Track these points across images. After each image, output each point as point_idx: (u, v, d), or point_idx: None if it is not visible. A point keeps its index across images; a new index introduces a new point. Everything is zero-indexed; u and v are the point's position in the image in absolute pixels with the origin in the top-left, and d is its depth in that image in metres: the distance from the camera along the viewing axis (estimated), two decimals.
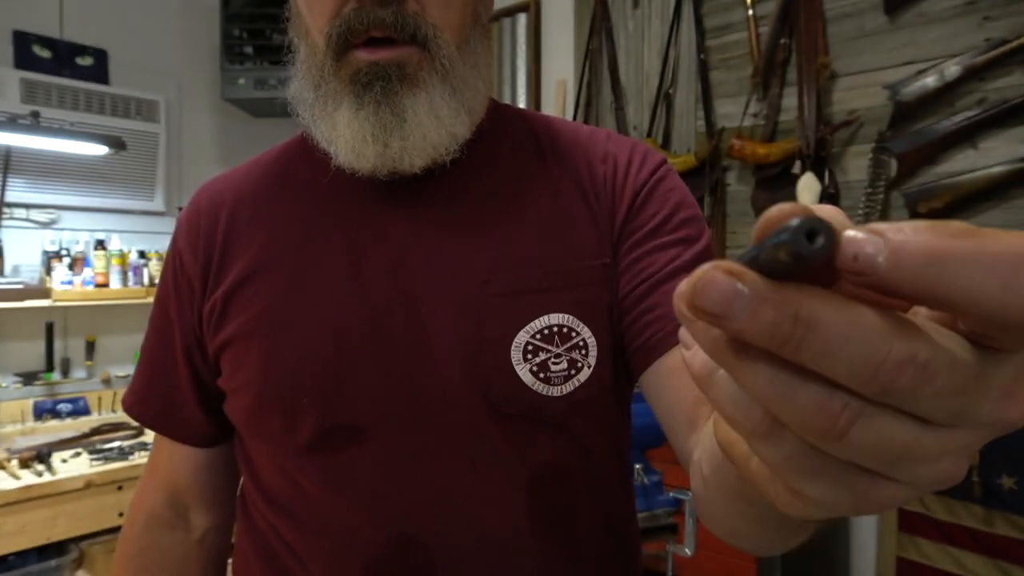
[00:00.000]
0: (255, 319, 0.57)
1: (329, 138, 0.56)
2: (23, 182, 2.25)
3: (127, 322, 2.48)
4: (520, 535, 0.55)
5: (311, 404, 0.55)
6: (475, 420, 0.54)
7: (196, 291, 0.61)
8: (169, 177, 2.58)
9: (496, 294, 0.54)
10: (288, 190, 0.62)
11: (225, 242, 0.61)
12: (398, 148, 0.54)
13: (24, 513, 1.68)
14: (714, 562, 1.69)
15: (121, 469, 1.83)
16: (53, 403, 2.24)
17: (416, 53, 0.53)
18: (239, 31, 2.48)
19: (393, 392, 0.54)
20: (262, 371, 0.56)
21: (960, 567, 1.50)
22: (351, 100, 0.54)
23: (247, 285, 0.58)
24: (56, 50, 2.31)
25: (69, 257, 2.29)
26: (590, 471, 0.59)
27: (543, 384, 0.54)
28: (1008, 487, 1.45)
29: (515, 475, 0.55)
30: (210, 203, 0.63)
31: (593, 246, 0.57)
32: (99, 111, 2.37)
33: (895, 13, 1.71)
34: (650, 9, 2.22)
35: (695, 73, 2.10)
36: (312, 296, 0.56)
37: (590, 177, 0.60)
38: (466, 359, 0.54)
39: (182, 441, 0.65)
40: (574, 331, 0.54)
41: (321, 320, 0.56)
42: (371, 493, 0.55)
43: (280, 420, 0.56)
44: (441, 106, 0.54)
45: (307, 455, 0.56)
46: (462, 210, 0.58)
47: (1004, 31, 1.55)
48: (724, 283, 0.17)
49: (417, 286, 0.55)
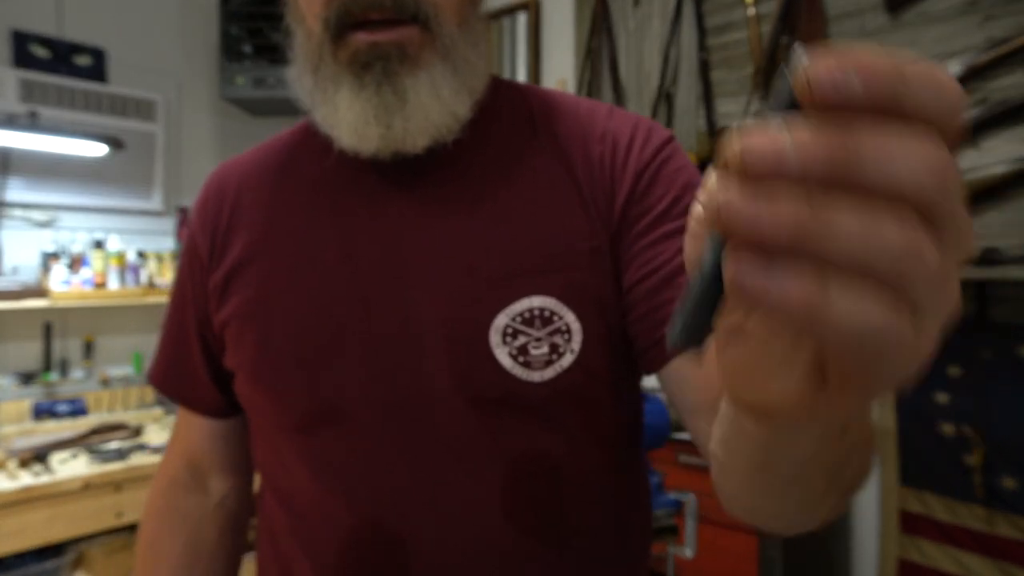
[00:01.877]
0: (251, 301, 0.59)
1: (331, 122, 0.56)
2: (21, 182, 2.25)
3: (125, 322, 2.48)
4: (496, 525, 0.54)
5: (299, 387, 0.56)
6: (454, 406, 0.54)
7: (205, 268, 0.63)
8: (168, 177, 2.57)
9: (479, 277, 0.54)
10: (290, 174, 0.63)
11: (229, 223, 0.63)
12: (400, 129, 0.53)
13: (22, 514, 1.67)
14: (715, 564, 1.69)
15: (119, 470, 1.83)
16: (51, 404, 2.23)
17: (417, 33, 0.52)
18: (238, 30, 2.48)
19: (376, 378, 0.55)
20: (255, 353, 0.58)
21: (962, 568, 1.50)
22: (351, 82, 0.53)
23: (246, 266, 0.60)
24: (54, 49, 2.30)
25: (67, 257, 2.28)
26: (576, 462, 0.57)
27: (523, 368, 0.53)
28: (1010, 488, 1.44)
29: (493, 463, 0.54)
30: (219, 184, 0.65)
31: (582, 229, 0.55)
32: (97, 110, 2.36)
33: (896, 12, 1.70)
34: (651, 8, 2.22)
35: (696, 72, 2.10)
36: (306, 280, 0.57)
37: (584, 157, 0.57)
38: (447, 343, 0.54)
39: (198, 412, 0.68)
40: (557, 315, 0.53)
41: (312, 304, 0.57)
42: (348, 478, 0.56)
43: (272, 401, 0.58)
44: (442, 85, 0.54)
45: (295, 436, 0.57)
46: (452, 192, 0.57)
47: (1005, 30, 1.54)
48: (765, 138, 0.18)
49: (406, 270, 0.56)
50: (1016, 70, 1.54)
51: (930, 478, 1.58)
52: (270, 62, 2.47)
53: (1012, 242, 1.53)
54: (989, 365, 1.51)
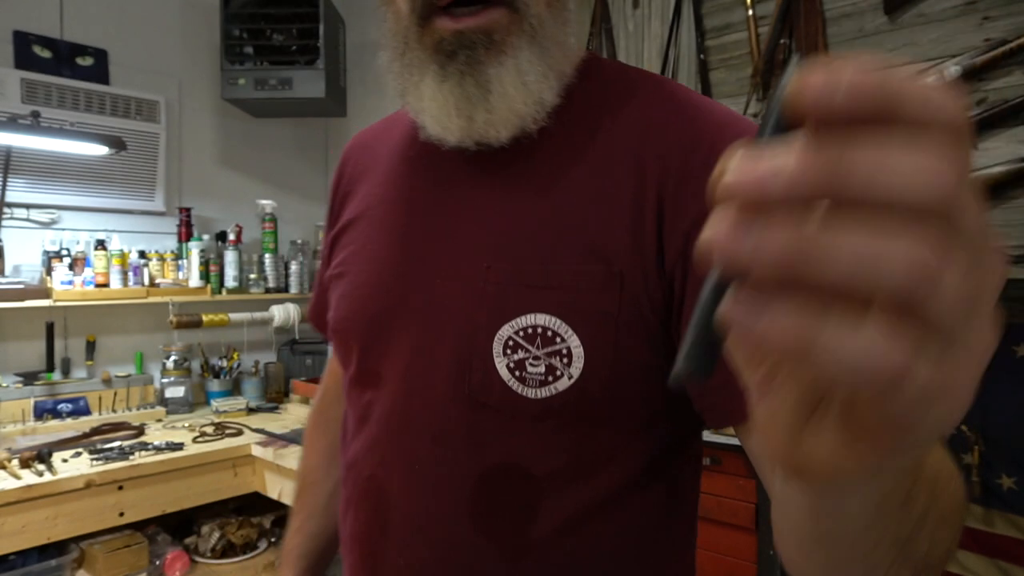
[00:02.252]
0: (343, 262, 0.66)
1: (416, 109, 0.56)
2: (23, 182, 2.25)
3: (127, 322, 2.48)
4: (460, 519, 0.55)
5: (356, 346, 0.62)
6: (454, 400, 0.55)
7: (327, 227, 0.72)
8: (169, 177, 2.58)
9: (491, 281, 0.53)
10: (395, 148, 0.65)
11: (345, 189, 0.70)
12: (483, 121, 0.53)
13: (24, 513, 1.68)
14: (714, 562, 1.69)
15: (121, 469, 1.83)
16: (53, 403, 2.24)
17: (504, 15, 0.51)
18: (239, 31, 2.48)
19: (402, 356, 0.58)
20: (336, 310, 0.65)
21: (959, 567, 1.50)
22: (435, 71, 0.52)
23: (347, 231, 0.67)
24: (56, 50, 2.31)
25: (69, 257, 2.29)
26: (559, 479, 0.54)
27: (519, 383, 0.52)
28: (1007, 487, 1.45)
29: (473, 463, 0.55)
30: (346, 152, 0.73)
31: (618, 251, 0.51)
32: (99, 111, 2.37)
33: (895, 13, 1.71)
34: (650, 9, 2.22)
35: (695, 73, 2.10)
36: (376, 252, 0.62)
37: (661, 168, 0.51)
38: (457, 340, 0.54)
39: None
40: (559, 336, 0.51)
41: (374, 276, 0.62)
42: (371, 436, 0.61)
43: (343, 354, 0.65)
44: (528, 71, 0.52)
45: (352, 389, 0.64)
46: (510, 183, 0.56)
47: (1004, 31, 1.55)
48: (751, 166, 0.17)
49: (438, 259, 0.57)
50: (1014, 71, 1.54)
51: None
52: (271, 63, 2.48)
53: (1012, 242, 1.53)
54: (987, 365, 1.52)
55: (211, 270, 2.56)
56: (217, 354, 2.63)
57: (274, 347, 2.83)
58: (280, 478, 1.98)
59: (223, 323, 2.51)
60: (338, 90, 2.62)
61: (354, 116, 2.88)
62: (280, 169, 2.94)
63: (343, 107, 2.76)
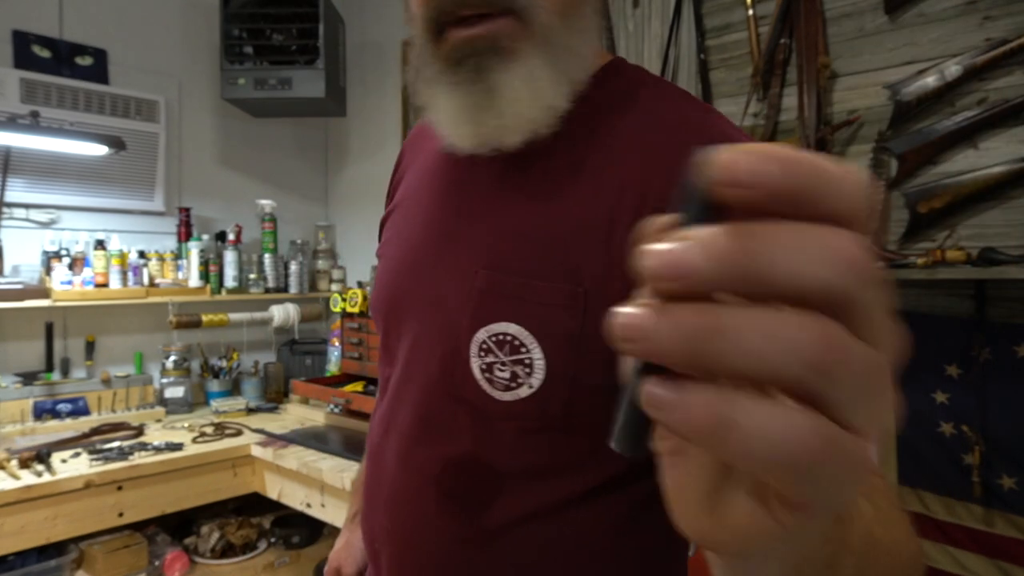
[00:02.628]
0: (384, 244, 0.72)
1: (436, 119, 0.58)
2: (23, 182, 2.25)
3: (127, 322, 2.48)
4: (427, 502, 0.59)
5: (381, 325, 0.68)
6: (439, 391, 0.59)
7: (386, 206, 0.77)
8: (169, 177, 2.58)
9: (477, 287, 0.56)
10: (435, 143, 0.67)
11: (400, 174, 0.75)
12: (494, 126, 0.54)
13: (24, 513, 1.68)
14: None
15: (121, 469, 1.83)
16: (53, 403, 2.24)
17: (511, 24, 0.52)
18: (239, 31, 2.48)
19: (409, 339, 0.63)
20: (374, 289, 0.71)
21: (960, 567, 1.50)
22: (447, 79, 0.54)
23: (392, 214, 0.73)
24: (56, 50, 2.31)
25: (69, 257, 2.28)
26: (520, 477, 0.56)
27: (488, 384, 0.55)
28: (1008, 487, 1.45)
29: (446, 448, 0.58)
30: (410, 137, 0.77)
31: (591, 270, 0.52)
32: (99, 111, 2.36)
33: (895, 13, 1.70)
34: (650, 9, 2.22)
35: (695, 73, 2.10)
36: (406, 240, 0.67)
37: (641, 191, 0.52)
38: (445, 335, 0.58)
39: None
40: (524, 346, 0.53)
41: (400, 262, 0.66)
42: (382, 409, 0.67)
43: (378, 329, 0.70)
44: (539, 76, 0.53)
45: (380, 362, 0.70)
46: (509, 192, 0.58)
47: (1004, 31, 1.55)
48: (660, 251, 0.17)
49: (445, 257, 0.60)
50: (1015, 70, 1.54)
51: (928, 477, 1.58)
52: (271, 63, 2.48)
53: (1011, 242, 1.53)
54: (988, 365, 1.52)
55: (211, 270, 2.56)
56: (217, 354, 2.63)
57: (274, 347, 2.83)
58: (279, 478, 1.98)
59: (223, 323, 2.51)
60: (338, 90, 2.62)
61: (354, 116, 2.88)
62: (280, 169, 2.94)
63: (343, 107, 2.76)
